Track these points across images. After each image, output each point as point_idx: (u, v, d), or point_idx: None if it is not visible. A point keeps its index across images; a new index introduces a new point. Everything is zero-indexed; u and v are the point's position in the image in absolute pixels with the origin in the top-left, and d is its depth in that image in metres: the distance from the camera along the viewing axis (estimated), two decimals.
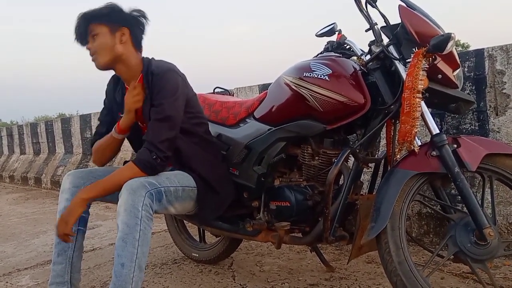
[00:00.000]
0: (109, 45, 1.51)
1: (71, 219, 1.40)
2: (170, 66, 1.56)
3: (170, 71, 1.53)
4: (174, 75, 1.53)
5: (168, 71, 1.53)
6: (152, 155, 1.44)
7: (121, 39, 1.53)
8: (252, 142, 1.70)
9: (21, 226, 3.57)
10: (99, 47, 1.52)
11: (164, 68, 1.53)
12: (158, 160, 1.45)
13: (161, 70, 1.52)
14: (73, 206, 1.40)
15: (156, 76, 1.51)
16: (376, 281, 1.79)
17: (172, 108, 1.49)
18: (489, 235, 1.25)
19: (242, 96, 3.49)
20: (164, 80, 1.50)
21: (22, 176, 6.90)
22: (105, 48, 1.51)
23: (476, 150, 1.30)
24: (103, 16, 1.50)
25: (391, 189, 1.33)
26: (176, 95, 1.50)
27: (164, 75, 1.51)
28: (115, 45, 1.52)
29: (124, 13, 1.54)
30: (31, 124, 7.35)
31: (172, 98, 1.49)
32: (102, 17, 1.50)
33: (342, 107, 1.46)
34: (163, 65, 1.55)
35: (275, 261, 2.16)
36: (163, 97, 1.48)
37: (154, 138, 1.46)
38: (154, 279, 2.02)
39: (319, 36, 1.72)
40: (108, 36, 1.51)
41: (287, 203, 1.59)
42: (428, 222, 2.20)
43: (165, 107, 1.47)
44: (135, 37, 1.56)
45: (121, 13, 1.53)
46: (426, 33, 1.34)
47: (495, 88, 2.15)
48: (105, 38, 1.51)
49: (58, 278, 1.53)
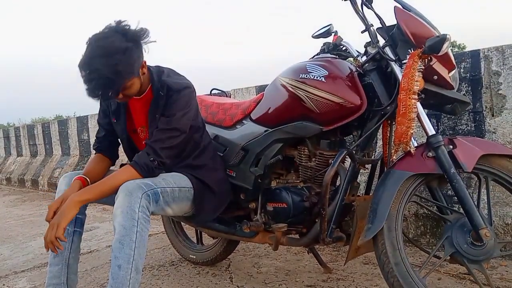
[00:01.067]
0: (139, 85, 1.51)
1: (63, 222, 1.32)
2: (188, 83, 1.58)
3: (187, 88, 1.55)
4: (190, 91, 1.55)
5: (186, 87, 1.54)
6: (150, 158, 1.44)
7: (143, 71, 1.51)
8: (249, 143, 1.71)
9: (18, 229, 3.55)
10: (133, 94, 1.51)
11: (182, 85, 1.54)
12: (155, 162, 1.45)
13: (179, 86, 1.53)
14: (66, 208, 1.34)
15: (174, 91, 1.52)
16: (373, 282, 1.79)
17: (181, 122, 1.51)
18: (485, 235, 1.25)
19: (239, 97, 3.49)
20: (179, 95, 1.52)
21: (19, 178, 6.87)
22: (138, 90, 1.51)
23: (472, 151, 1.31)
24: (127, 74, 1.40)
25: (387, 190, 1.33)
26: (187, 109, 1.52)
27: (181, 90, 1.53)
28: (141, 79, 1.51)
29: (134, 51, 1.42)
30: (28, 126, 7.32)
31: (182, 112, 1.51)
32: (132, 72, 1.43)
33: (338, 108, 1.47)
34: (182, 81, 1.57)
35: (272, 262, 2.16)
36: (175, 109, 1.50)
37: (156, 143, 1.46)
38: (152, 281, 2.01)
39: (315, 37, 1.72)
40: (138, 82, 1.49)
41: (284, 204, 1.59)
42: (424, 223, 2.21)
43: (176, 118, 1.49)
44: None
45: (133, 52, 1.41)
46: (422, 34, 1.35)
47: (491, 89, 2.16)
48: (137, 85, 1.49)
49: (54, 279, 1.53)
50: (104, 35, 1.40)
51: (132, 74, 1.43)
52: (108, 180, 1.44)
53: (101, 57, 1.34)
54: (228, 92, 2.35)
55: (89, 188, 1.43)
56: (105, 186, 1.42)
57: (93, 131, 5.35)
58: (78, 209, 1.38)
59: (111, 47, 1.35)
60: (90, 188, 1.43)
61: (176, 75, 1.62)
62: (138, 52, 1.45)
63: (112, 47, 1.35)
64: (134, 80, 1.45)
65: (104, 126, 1.72)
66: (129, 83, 1.44)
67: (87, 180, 1.55)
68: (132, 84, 1.45)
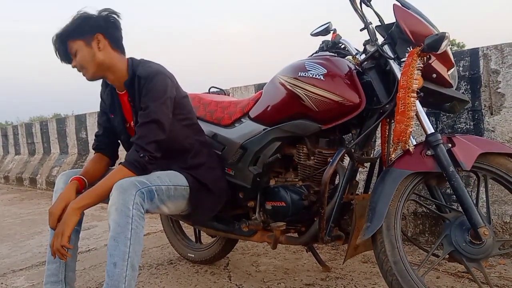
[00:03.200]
0: (90, 57, 1.51)
1: (67, 230, 1.36)
2: (158, 68, 1.54)
3: (158, 74, 1.51)
4: (162, 77, 1.51)
5: (156, 74, 1.51)
6: (139, 154, 1.44)
7: (98, 46, 1.52)
8: (248, 142, 1.70)
9: (16, 227, 3.54)
10: (81, 62, 1.52)
11: (151, 71, 1.51)
12: (146, 158, 1.44)
13: (149, 73, 1.50)
14: (67, 217, 1.38)
15: (144, 79, 1.50)
16: (372, 281, 1.79)
17: (159, 111, 1.47)
18: (484, 234, 1.25)
19: (238, 95, 3.49)
20: (151, 83, 1.49)
21: (17, 177, 6.86)
22: (87, 61, 1.52)
23: (470, 149, 1.31)
24: (75, 31, 1.49)
25: (386, 188, 1.33)
26: (163, 98, 1.49)
27: (151, 78, 1.50)
28: (94, 54, 1.51)
29: (93, 19, 1.52)
30: (26, 124, 7.31)
31: (159, 101, 1.48)
32: (74, 33, 1.50)
33: (337, 106, 1.46)
34: (151, 67, 1.53)
35: (271, 261, 2.16)
36: (150, 100, 1.48)
37: (141, 140, 1.45)
38: (150, 280, 2.01)
39: (314, 35, 1.71)
40: (85, 49, 1.51)
41: (283, 203, 1.59)
42: (423, 221, 2.21)
43: (152, 110, 1.46)
44: (112, 38, 1.54)
45: (89, 20, 1.51)
46: (421, 32, 1.34)
47: (490, 87, 2.16)
48: (83, 52, 1.51)
49: (52, 277, 1.53)
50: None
51: (73, 36, 1.49)
52: (103, 183, 1.43)
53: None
54: (226, 90, 2.34)
55: (86, 194, 1.44)
56: (101, 189, 1.42)
57: (91, 129, 5.35)
58: (79, 215, 1.41)
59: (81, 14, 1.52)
60: (87, 193, 1.44)
61: (148, 63, 1.58)
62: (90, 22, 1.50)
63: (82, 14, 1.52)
64: (80, 45, 1.50)
65: (103, 124, 1.71)
66: (74, 46, 1.50)
67: (85, 180, 1.55)
68: (78, 50, 1.50)
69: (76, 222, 1.40)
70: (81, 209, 1.41)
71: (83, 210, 1.43)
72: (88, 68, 1.52)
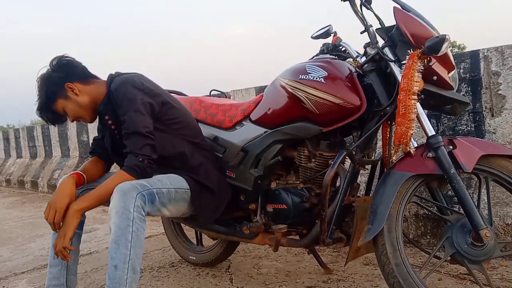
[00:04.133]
0: (77, 106, 1.58)
1: (69, 232, 1.38)
2: (125, 78, 1.55)
3: (124, 84, 1.51)
4: (127, 87, 1.51)
5: (121, 84, 1.52)
6: (138, 158, 1.44)
7: (75, 93, 1.57)
8: (249, 144, 1.70)
9: (18, 230, 3.55)
10: (74, 114, 1.60)
11: (119, 82, 1.53)
12: (145, 161, 1.45)
13: (117, 85, 1.52)
14: (69, 219, 1.39)
15: (114, 92, 1.52)
16: (374, 283, 1.79)
17: (136, 120, 1.47)
18: (486, 236, 1.25)
19: (239, 98, 3.49)
20: (120, 94, 1.50)
21: (19, 180, 6.87)
22: (77, 110, 1.59)
23: (472, 151, 1.31)
24: (49, 97, 1.56)
25: (387, 191, 1.33)
26: (135, 106, 1.48)
27: (119, 89, 1.51)
28: (77, 101, 1.57)
29: (52, 77, 1.56)
30: (28, 127, 7.32)
31: (132, 111, 1.48)
32: (50, 98, 1.56)
33: (338, 109, 1.46)
34: (119, 79, 1.55)
35: (272, 263, 2.16)
36: (124, 112, 1.49)
37: (132, 148, 1.46)
38: (151, 283, 2.01)
39: (314, 38, 1.72)
40: (68, 103, 1.58)
41: (284, 205, 1.59)
42: (425, 223, 2.21)
43: (128, 121, 1.47)
44: (78, 78, 1.59)
45: (51, 79, 1.56)
46: (421, 34, 1.35)
47: (491, 89, 2.16)
48: (69, 106, 1.58)
49: (54, 280, 1.54)
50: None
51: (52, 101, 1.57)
52: (104, 186, 1.44)
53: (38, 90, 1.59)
54: (227, 93, 2.35)
55: (87, 196, 1.45)
56: (102, 192, 1.43)
57: (92, 132, 5.35)
58: (80, 217, 1.43)
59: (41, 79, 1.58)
60: (87, 196, 1.45)
61: (120, 76, 1.59)
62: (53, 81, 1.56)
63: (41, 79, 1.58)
64: (61, 103, 1.58)
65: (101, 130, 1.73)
66: (59, 106, 1.58)
67: (84, 176, 1.58)
68: (64, 107, 1.58)
69: (77, 224, 1.42)
70: (82, 211, 1.42)
71: (84, 212, 1.45)
72: (82, 115, 1.61)
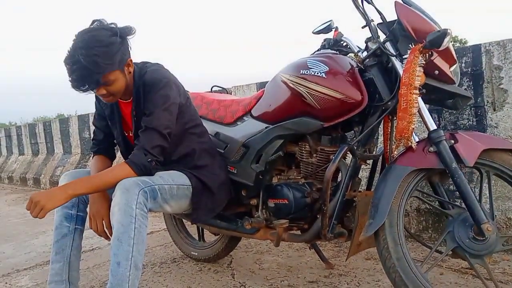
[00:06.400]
0: (124, 83, 1.49)
1: (48, 206, 1.29)
2: (164, 74, 1.54)
3: (162, 81, 1.50)
4: (166, 84, 1.50)
5: (161, 80, 1.50)
6: (147, 158, 1.44)
7: (129, 71, 1.51)
8: (250, 140, 1.70)
9: (20, 227, 3.56)
10: (115, 90, 1.47)
11: (157, 77, 1.51)
12: (152, 163, 1.45)
13: (155, 79, 1.50)
14: (57, 196, 1.32)
15: (150, 86, 1.50)
16: (375, 278, 1.79)
17: (162, 118, 1.47)
18: (487, 230, 1.25)
19: (240, 94, 3.49)
20: (156, 89, 1.49)
21: (21, 177, 6.89)
22: (121, 88, 1.48)
23: (473, 146, 1.30)
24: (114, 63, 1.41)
25: (389, 185, 1.33)
26: (166, 104, 1.48)
27: (157, 84, 1.49)
28: (126, 79, 1.50)
29: (126, 45, 1.46)
30: (30, 124, 7.34)
31: (162, 108, 1.47)
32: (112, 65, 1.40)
33: (339, 104, 1.46)
34: (156, 74, 1.52)
35: (274, 258, 2.16)
36: (154, 106, 1.47)
37: (146, 143, 1.45)
38: (154, 278, 2.02)
39: (316, 33, 1.72)
40: (122, 78, 1.47)
41: (285, 200, 1.59)
42: (426, 218, 2.21)
43: (154, 116, 1.46)
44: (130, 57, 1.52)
45: (125, 47, 1.45)
46: (423, 29, 1.34)
47: (493, 83, 2.15)
48: (120, 81, 1.46)
49: (56, 276, 1.54)
50: (89, 30, 1.42)
51: (112, 67, 1.40)
52: (103, 175, 1.43)
53: (81, 49, 1.35)
54: (229, 89, 2.34)
55: (83, 181, 1.41)
56: (100, 181, 1.40)
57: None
58: (67, 201, 1.35)
59: (93, 40, 1.37)
60: (84, 181, 1.42)
61: (157, 70, 1.56)
62: (123, 48, 1.45)
63: (94, 40, 1.37)
64: (116, 75, 1.43)
65: (102, 128, 1.72)
66: (111, 77, 1.42)
67: None
68: (115, 80, 1.43)
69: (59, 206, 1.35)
70: (73, 196, 1.36)
71: (75, 197, 1.40)
72: (117, 94, 1.49)
